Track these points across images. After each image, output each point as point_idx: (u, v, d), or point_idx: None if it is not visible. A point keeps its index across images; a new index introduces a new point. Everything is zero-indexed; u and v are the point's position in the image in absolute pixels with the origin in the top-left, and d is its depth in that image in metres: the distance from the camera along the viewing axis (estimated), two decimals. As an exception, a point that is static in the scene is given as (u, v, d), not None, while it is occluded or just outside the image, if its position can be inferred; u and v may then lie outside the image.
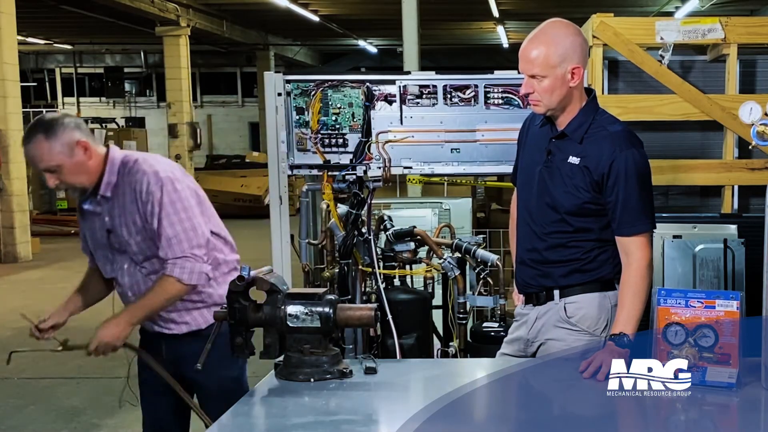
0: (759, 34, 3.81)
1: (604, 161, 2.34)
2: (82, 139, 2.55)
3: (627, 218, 2.34)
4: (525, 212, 2.53)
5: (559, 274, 2.46)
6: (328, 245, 3.65)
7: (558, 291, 2.47)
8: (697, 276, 3.42)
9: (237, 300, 2.14)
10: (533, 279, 2.51)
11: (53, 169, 2.54)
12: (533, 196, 2.48)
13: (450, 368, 2.61)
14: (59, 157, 2.52)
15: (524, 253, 2.53)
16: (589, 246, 2.43)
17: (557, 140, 2.43)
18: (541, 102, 2.37)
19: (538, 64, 2.32)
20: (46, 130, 2.52)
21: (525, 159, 2.56)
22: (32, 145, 2.53)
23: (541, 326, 2.50)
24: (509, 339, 2.63)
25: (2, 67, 10.27)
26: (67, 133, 2.53)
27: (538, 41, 2.34)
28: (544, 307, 2.50)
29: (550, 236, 2.44)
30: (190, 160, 16.04)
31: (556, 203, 2.42)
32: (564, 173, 2.40)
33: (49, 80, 24.78)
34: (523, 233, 2.54)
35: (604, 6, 13.61)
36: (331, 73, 3.45)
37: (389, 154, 3.35)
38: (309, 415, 1.91)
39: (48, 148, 2.51)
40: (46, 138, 2.51)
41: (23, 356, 2.87)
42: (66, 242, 12.66)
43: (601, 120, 2.42)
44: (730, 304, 1.96)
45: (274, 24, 19.29)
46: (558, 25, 2.37)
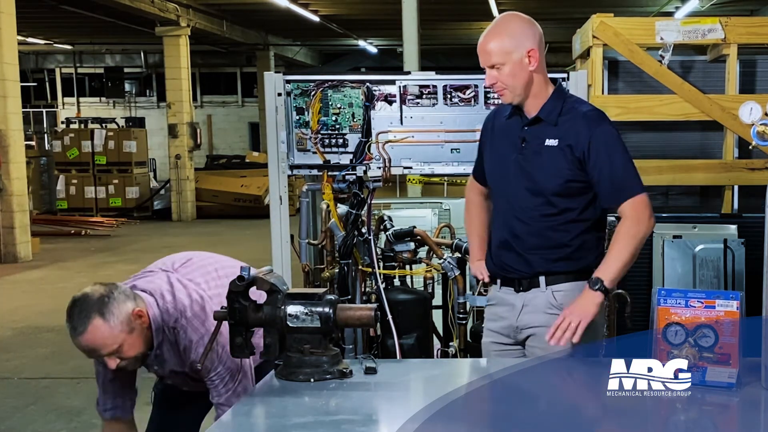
0: (759, 34, 3.81)
1: (582, 140, 2.43)
2: (137, 308, 2.33)
3: (619, 187, 2.44)
4: (503, 202, 2.59)
5: (544, 260, 2.51)
6: (328, 245, 3.64)
7: (543, 278, 2.52)
8: (697, 276, 3.43)
9: (237, 300, 2.14)
10: (516, 263, 2.55)
11: (115, 351, 2.31)
12: (511, 185, 2.54)
13: (450, 368, 2.61)
14: (121, 336, 2.28)
15: (508, 237, 2.56)
16: (573, 229, 2.50)
17: (530, 127, 2.52)
18: (506, 89, 2.46)
19: (495, 53, 2.43)
20: (100, 311, 2.25)
21: (496, 153, 2.62)
22: (89, 333, 2.25)
23: (530, 313, 2.54)
24: (494, 327, 2.65)
25: (2, 67, 10.27)
26: (122, 306, 2.29)
27: (493, 34, 2.46)
28: (530, 294, 2.55)
29: (534, 220, 2.50)
30: (190, 160, 16.02)
31: (539, 186, 2.48)
32: (544, 156, 2.48)
33: (49, 80, 24.76)
34: (504, 221, 2.59)
35: (604, 6, 13.60)
36: (331, 73, 3.46)
37: (389, 154, 3.35)
38: (309, 415, 1.91)
39: (109, 331, 2.26)
40: (104, 320, 2.25)
41: (23, 356, 2.87)
42: (66, 242, 12.67)
43: (571, 102, 2.53)
44: (730, 304, 1.96)
45: (274, 24, 19.28)
46: (509, 17, 2.51)
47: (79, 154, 15.94)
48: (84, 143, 15.94)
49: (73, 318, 2.27)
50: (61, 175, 15.99)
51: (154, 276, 2.53)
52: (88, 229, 13.71)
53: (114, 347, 2.29)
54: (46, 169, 16.11)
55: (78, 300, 2.29)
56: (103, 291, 2.30)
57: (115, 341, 2.28)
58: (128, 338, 2.30)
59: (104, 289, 2.31)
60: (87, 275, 9.71)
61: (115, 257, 11.05)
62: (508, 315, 2.60)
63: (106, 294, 2.29)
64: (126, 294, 2.33)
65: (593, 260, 2.50)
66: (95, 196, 15.92)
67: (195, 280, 2.54)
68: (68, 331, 2.29)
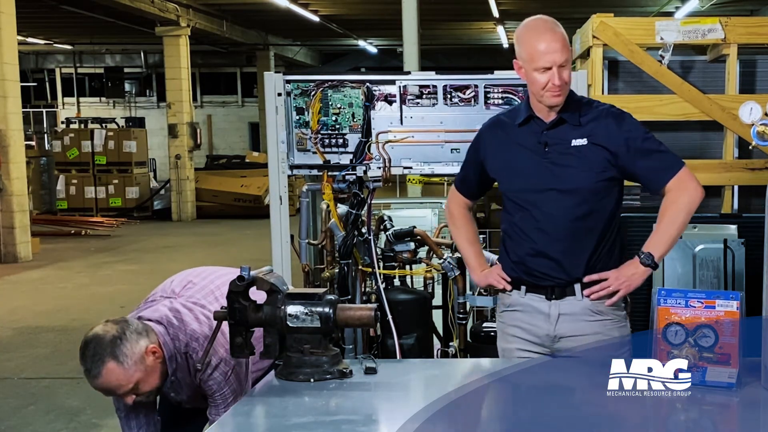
0: (759, 34, 3.81)
1: (616, 136, 2.45)
2: (150, 345, 2.30)
3: (661, 167, 2.47)
4: (529, 209, 2.52)
5: (579, 265, 2.48)
6: (328, 245, 3.64)
7: (579, 285, 2.50)
8: (697, 276, 3.42)
9: (237, 300, 2.14)
10: (550, 270, 2.51)
11: (131, 390, 2.30)
12: (537, 191, 2.50)
13: (450, 368, 2.61)
14: (136, 376, 2.27)
15: (538, 244, 2.51)
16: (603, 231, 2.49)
17: (551, 130, 2.49)
18: (566, 89, 2.44)
19: (567, 50, 2.41)
20: (114, 354, 2.22)
21: (513, 162, 2.56)
22: (104, 377, 2.23)
23: (569, 322, 2.51)
24: (520, 333, 2.59)
25: (2, 67, 10.27)
26: (134, 346, 2.26)
27: (554, 32, 2.42)
28: (565, 303, 2.51)
29: (571, 223, 2.47)
30: (190, 160, 16.02)
31: (572, 185, 2.46)
32: (574, 156, 2.46)
33: (49, 80, 24.75)
34: (531, 228, 2.53)
35: (604, 6, 13.61)
36: (331, 73, 3.46)
37: (389, 154, 3.35)
38: (309, 415, 1.91)
39: (123, 373, 2.24)
40: (118, 363, 2.22)
41: (23, 356, 2.87)
42: (66, 242, 12.67)
43: (586, 102, 2.55)
44: (730, 304, 1.96)
45: (274, 24, 19.28)
46: (552, 20, 2.47)
47: (79, 154, 15.94)
48: (84, 143, 15.95)
49: (86, 360, 2.24)
50: (61, 175, 15.99)
51: (157, 304, 2.51)
52: (88, 229, 13.72)
53: (130, 387, 2.28)
54: (46, 169, 16.11)
55: (90, 341, 2.25)
56: (115, 332, 2.26)
57: (130, 381, 2.27)
58: (143, 376, 2.29)
59: (116, 329, 2.27)
60: (87, 275, 9.71)
61: (115, 257, 11.05)
62: (541, 323, 2.54)
63: (118, 335, 2.25)
64: (138, 332, 2.30)
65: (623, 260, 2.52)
66: (95, 196, 15.93)
67: (199, 303, 2.53)
68: (83, 372, 2.27)
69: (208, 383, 2.44)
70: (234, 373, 2.44)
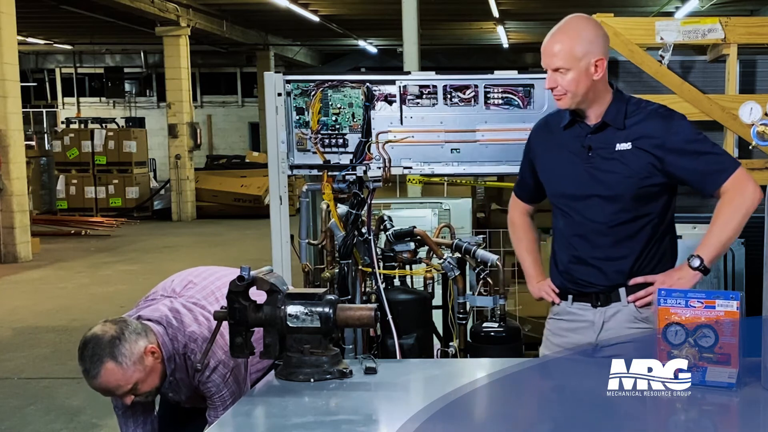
0: (759, 34, 3.80)
1: (662, 138, 2.36)
2: (149, 345, 2.30)
3: (715, 170, 2.37)
4: (573, 215, 2.48)
5: (623, 271, 2.44)
6: (328, 245, 3.64)
7: (623, 290, 2.45)
8: (697, 276, 3.42)
9: (237, 300, 2.14)
10: (592, 277, 2.47)
11: (130, 390, 2.30)
12: (581, 196, 2.45)
13: (450, 368, 2.61)
14: (135, 376, 2.27)
15: (581, 250, 2.47)
16: (650, 236, 2.43)
17: (595, 134, 2.43)
18: (566, 96, 2.37)
19: (561, 57, 2.34)
20: (112, 354, 2.22)
21: (557, 166, 2.52)
22: (103, 377, 2.23)
23: (612, 329, 2.46)
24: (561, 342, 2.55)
25: (2, 67, 10.27)
26: (133, 346, 2.26)
27: (561, 35, 2.36)
28: (610, 310, 2.47)
29: (609, 230, 2.42)
30: (190, 160, 16.03)
31: (615, 191, 2.40)
32: (617, 161, 2.40)
33: (49, 80, 24.76)
34: (574, 234, 2.49)
35: (604, 6, 13.60)
36: (331, 73, 3.45)
37: (389, 154, 3.35)
38: (309, 415, 1.91)
39: (122, 373, 2.24)
40: (116, 363, 2.22)
41: (23, 356, 2.87)
42: (66, 242, 12.68)
43: (634, 103, 2.45)
44: (730, 304, 1.96)
45: (274, 24, 19.29)
46: (579, 19, 2.41)
47: (79, 154, 15.95)
48: (84, 143, 15.96)
49: (85, 360, 2.24)
50: (61, 175, 16.00)
51: (157, 303, 2.50)
52: (88, 229, 13.72)
53: (128, 387, 2.28)
54: (46, 169, 16.12)
55: (89, 342, 2.25)
56: (113, 332, 2.25)
57: (129, 382, 2.27)
58: (142, 376, 2.29)
59: (115, 329, 2.26)
60: (87, 275, 9.72)
61: (115, 257, 11.05)
62: (585, 332, 2.50)
63: (117, 335, 2.25)
64: (137, 332, 2.29)
65: (671, 267, 2.46)
66: (95, 196, 15.94)
67: (199, 303, 2.52)
68: (81, 372, 2.27)
69: (207, 385, 2.44)
70: (232, 376, 2.44)
